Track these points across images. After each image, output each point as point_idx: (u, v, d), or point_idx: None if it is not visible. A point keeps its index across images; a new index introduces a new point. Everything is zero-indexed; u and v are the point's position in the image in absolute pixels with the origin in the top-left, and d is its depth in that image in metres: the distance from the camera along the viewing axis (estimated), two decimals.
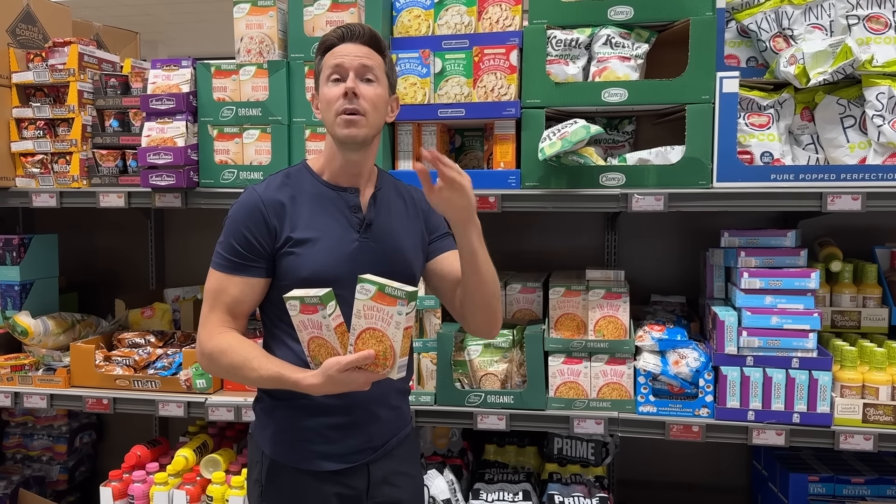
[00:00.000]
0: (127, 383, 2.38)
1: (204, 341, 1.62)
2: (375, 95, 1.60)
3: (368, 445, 1.69)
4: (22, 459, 3.01)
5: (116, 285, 3.03)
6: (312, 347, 1.48)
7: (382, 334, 1.42)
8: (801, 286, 2.02)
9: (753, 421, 2.02)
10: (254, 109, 2.27)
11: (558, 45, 2.14)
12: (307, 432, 1.66)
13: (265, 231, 1.60)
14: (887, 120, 1.97)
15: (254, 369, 1.53)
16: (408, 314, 1.41)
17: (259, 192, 1.63)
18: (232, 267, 1.61)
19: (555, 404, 2.14)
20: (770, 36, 2.18)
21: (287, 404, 1.66)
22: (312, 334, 1.46)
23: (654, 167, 2.06)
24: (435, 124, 2.24)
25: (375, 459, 1.70)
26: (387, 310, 1.40)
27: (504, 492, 2.24)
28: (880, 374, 1.98)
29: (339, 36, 1.61)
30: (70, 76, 2.48)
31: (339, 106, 1.57)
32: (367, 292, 1.41)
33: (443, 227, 1.81)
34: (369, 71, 1.59)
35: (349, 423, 1.66)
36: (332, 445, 1.66)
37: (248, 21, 2.28)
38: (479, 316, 1.72)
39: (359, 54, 1.59)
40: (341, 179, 1.67)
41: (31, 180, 2.53)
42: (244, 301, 1.62)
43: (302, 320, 1.46)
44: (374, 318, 1.42)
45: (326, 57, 1.62)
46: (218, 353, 1.59)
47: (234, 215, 1.63)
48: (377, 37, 1.63)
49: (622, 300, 2.15)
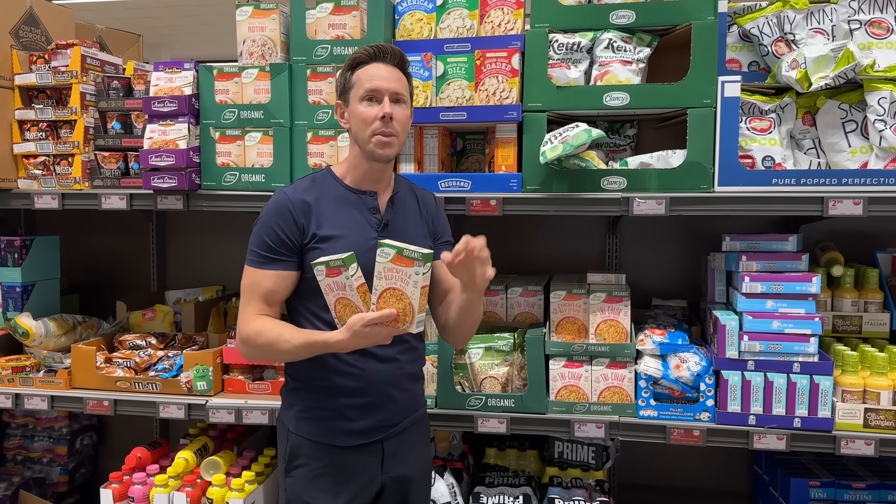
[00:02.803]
0: (128, 385, 2.38)
1: (241, 328, 1.79)
2: (405, 117, 1.80)
3: (383, 424, 1.84)
4: (22, 461, 3.01)
5: (118, 287, 3.03)
6: (338, 308, 1.62)
7: (402, 293, 1.56)
8: (803, 290, 2.02)
9: (754, 425, 2.01)
10: (256, 112, 2.28)
11: (560, 49, 2.14)
12: (328, 411, 1.82)
13: (294, 228, 1.76)
14: (889, 125, 1.97)
15: (287, 341, 1.71)
16: (424, 274, 1.55)
17: (287, 193, 1.80)
18: (265, 261, 1.77)
19: (555, 408, 2.14)
20: (772, 40, 2.18)
21: (311, 386, 1.83)
22: (338, 295, 1.60)
23: (656, 171, 2.06)
24: (437, 127, 2.24)
25: (390, 437, 1.85)
26: (405, 271, 1.54)
27: (504, 495, 2.24)
28: (881, 378, 1.98)
29: (370, 55, 1.77)
30: (73, 78, 2.49)
31: (377, 128, 1.74)
32: (386, 255, 1.55)
33: (446, 235, 1.98)
34: (400, 95, 1.77)
35: (366, 404, 1.81)
36: (351, 423, 1.81)
37: (250, 24, 2.29)
38: (458, 333, 1.89)
39: (392, 78, 1.76)
40: (363, 184, 1.84)
41: (33, 182, 2.54)
42: (277, 291, 1.79)
43: (328, 283, 1.60)
44: (393, 279, 1.56)
45: (359, 74, 1.77)
46: (254, 335, 1.75)
47: (265, 214, 1.80)
48: (405, 58, 1.81)
49: (623, 304, 2.15)
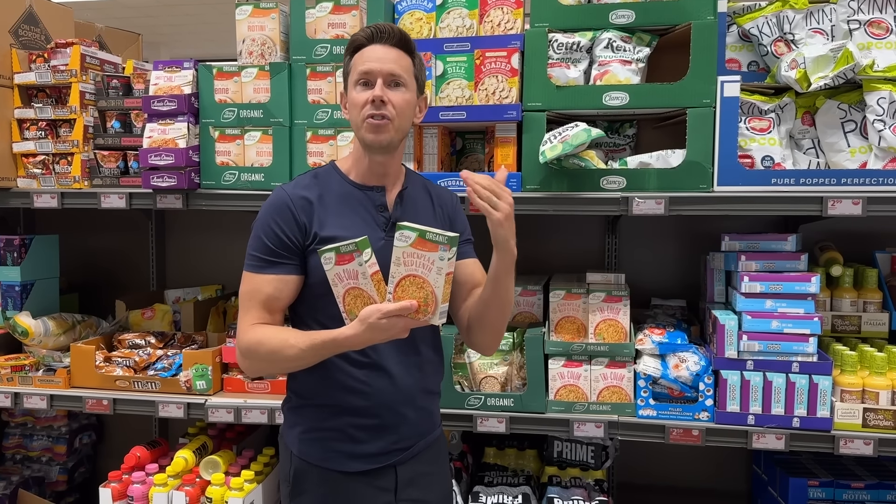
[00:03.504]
0: (127, 384, 2.38)
1: (241, 340, 1.62)
2: (403, 101, 1.61)
3: (395, 447, 1.68)
4: (21, 460, 3.01)
5: (117, 286, 3.03)
6: (348, 301, 1.46)
7: (424, 280, 1.40)
8: (802, 290, 2.02)
9: (753, 425, 2.02)
10: (255, 111, 2.28)
11: (559, 49, 2.14)
12: (333, 432, 1.66)
13: (295, 227, 1.61)
14: (888, 125, 1.97)
15: (292, 346, 1.54)
16: (449, 259, 1.39)
17: (287, 190, 1.65)
18: (264, 265, 1.62)
19: (555, 407, 2.14)
20: (771, 40, 2.18)
21: (314, 403, 1.68)
22: (348, 286, 1.44)
23: (655, 171, 2.06)
24: (436, 127, 2.24)
25: (403, 461, 1.69)
26: (428, 255, 1.39)
27: (503, 494, 2.24)
28: (880, 378, 1.98)
29: (368, 36, 1.61)
30: (72, 77, 2.48)
31: (367, 111, 1.59)
32: (406, 239, 1.39)
33: (466, 233, 1.83)
34: (397, 77, 1.60)
35: (376, 425, 1.65)
36: (359, 446, 1.65)
37: (250, 23, 2.29)
38: (485, 335, 1.73)
39: (388, 59, 1.59)
40: (368, 179, 1.69)
41: (32, 181, 2.53)
42: (279, 298, 1.63)
43: (337, 272, 1.44)
44: (414, 265, 1.40)
45: (355, 59, 1.63)
46: (256, 345, 1.59)
47: (263, 214, 1.65)
48: (407, 38, 1.64)
49: (623, 303, 2.15)
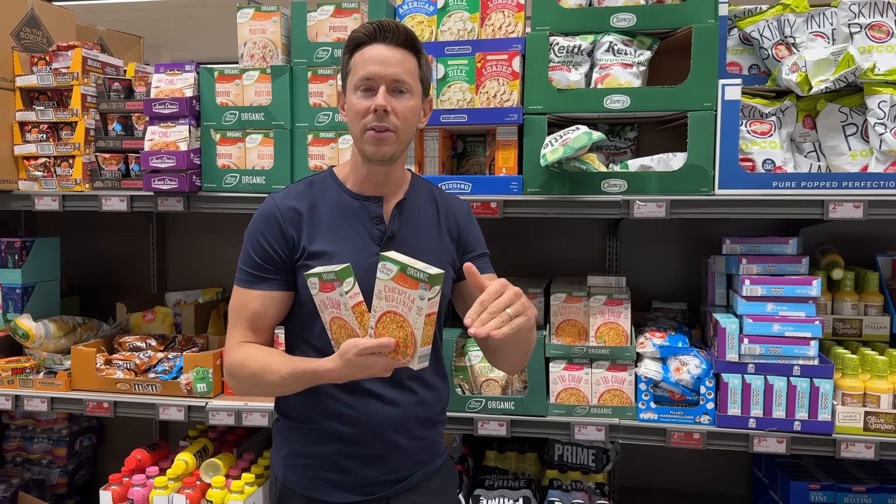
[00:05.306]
0: (127, 387, 2.38)
1: (226, 358, 1.56)
2: (407, 109, 1.48)
3: (388, 478, 1.55)
4: (22, 462, 3.01)
5: (118, 289, 3.03)
6: (334, 329, 1.39)
7: (403, 319, 1.30)
8: (803, 294, 2.02)
9: (754, 428, 2.01)
10: (256, 114, 2.28)
11: (561, 52, 2.15)
12: (318, 459, 1.56)
13: (282, 240, 1.52)
14: (889, 128, 1.97)
15: (274, 371, 1.45)
16: (430, 300, 1.28)
17: (276, 200, 1.55)
18: (251, 280, 1.54)
19: (555, 410, 2.14)
20: (772, 44, 2.18)
21: (299, 426, 1.58)
22: (333, 314, 1.37)
23: (656, 174, 2.06)
24: (437, 130, 2.24)
25: (397, 493, 1.56)
26: (408, 293, 1.28)
27: (504, 498, 2.24)
28: (882, 382, 1.97)
29: (369, 33, 1.46)
30: (73, 80, 2.49)
31: (368, 121, 1.46)
32: (388, 272, 1.31)
33: (480, 247, 1.70)
34: (402, 83, 1.46)
35: (365, 454, 1.54)
36: (346, 475, 1.54)
37: (251, 26, 2.29)
38: (512, 356, 1.59)
39: (392, 61, 1.45)
40: (365, 188, 1.57)
41: (33, 183, 2.54)
42: (265, 315, 1.55)
43: (322, 299, 1.37)
44: (395, 301, 1.31)
45: (356, 58, 1.48)
46: (238, 366, 1.51)
47: (251, 225, 1.56)
48: (412, 37, 1.48)
49: (623, 306, 2.15)
